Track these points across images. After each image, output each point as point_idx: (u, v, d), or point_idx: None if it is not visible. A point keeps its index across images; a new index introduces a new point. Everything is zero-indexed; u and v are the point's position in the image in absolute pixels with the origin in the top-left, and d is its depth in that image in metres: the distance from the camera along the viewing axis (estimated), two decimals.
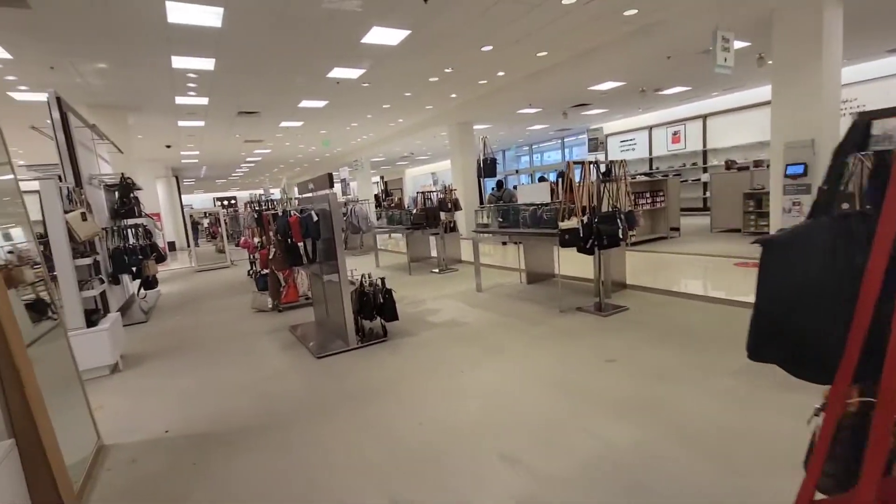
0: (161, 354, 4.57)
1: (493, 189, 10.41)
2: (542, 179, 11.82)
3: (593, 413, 2.64)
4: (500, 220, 5.86)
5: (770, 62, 6.62)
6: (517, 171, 20.89)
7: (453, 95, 10.29)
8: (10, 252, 2.67)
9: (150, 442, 2.78)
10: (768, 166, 9.67)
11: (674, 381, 2.97)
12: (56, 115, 4.97)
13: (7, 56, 5.88)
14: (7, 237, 2.74)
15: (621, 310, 4.58)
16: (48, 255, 4.02)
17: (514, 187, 12.32)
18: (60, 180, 4.68)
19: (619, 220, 4.31)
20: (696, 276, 6.11)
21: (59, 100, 4.97)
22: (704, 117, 12.79)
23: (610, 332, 4.00)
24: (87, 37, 5.53)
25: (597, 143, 4.28)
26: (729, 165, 9.84)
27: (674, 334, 3.83)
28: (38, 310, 2.77)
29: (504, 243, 9.77)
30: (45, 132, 5.55)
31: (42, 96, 5.01)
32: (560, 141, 18.75)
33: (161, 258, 7.08)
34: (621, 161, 4.46)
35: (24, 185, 5.22)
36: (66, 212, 4.02)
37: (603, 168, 4.53)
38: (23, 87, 7.16)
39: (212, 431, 2.85)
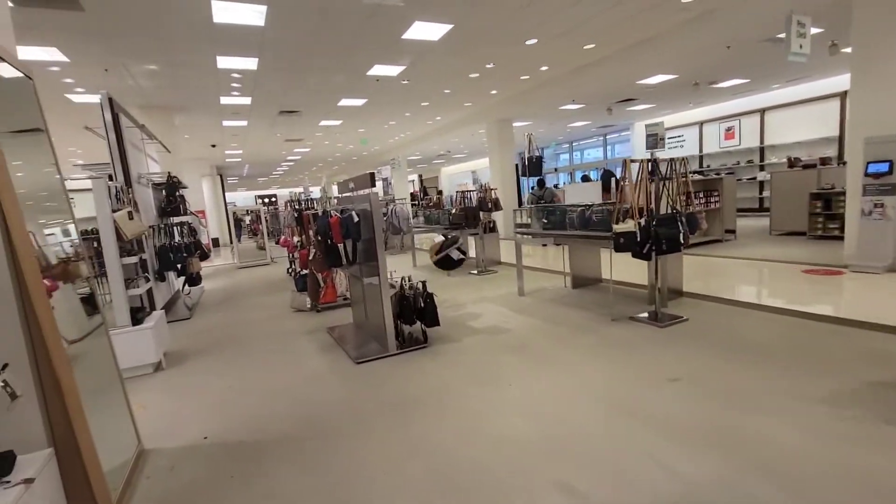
0: (203, 353, 4.59)
1: (532, 188, 10.08)
2: (585, 178, 11.39)
3: (660, 440, 2.36)
4: (545, 221, 5.58)
5: (848, 50, 6.03)
6: (556, 170, 20.37)
7: (493, 92, 10.03)
8: (70, 246, 2.69)
9: (189, 448, 2.71)
10: (839, 164, 8.94)
11: (752, 406, 2.65)
12: (108, 116, 5.08)
13: (65, 59, 6.10)
14: (65, 233, 2.75)
15: (679, 320, 4.23)
16: (100, 251, 4.09)
17: (556, 186, 11.94)
18: (111, 179, 4.78)
19: (679, 223, 3.97)
20: (760, 284, 5.63)
21: (111, 101, 5.08)
22: (762, 111, 11.96)
23: (669, 346, 3.67)
24: (138, 39, 5.64)
25: (656, 140, 3.95)
26: (792, 163, 9.11)
27: (744, 350, 3.47)
28: (93, 304, 2.78)
29: (544, 245, 9.43)
30: (99, 132, 5.71)
31: (97, 98, 5.14)
32: (602, 138, 18.11)
33: (205, 256, 7.21)
34: (682, 159, 4.10)
35: (79, 184, 5.40)
36: (113, 210, 4.07)
37: (653, 166, 4.18)
38: (79, 90, 7.45)
39: (250, 440, 2.75)
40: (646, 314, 4.41)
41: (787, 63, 8.46)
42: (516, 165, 12.93)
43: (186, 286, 6.97)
